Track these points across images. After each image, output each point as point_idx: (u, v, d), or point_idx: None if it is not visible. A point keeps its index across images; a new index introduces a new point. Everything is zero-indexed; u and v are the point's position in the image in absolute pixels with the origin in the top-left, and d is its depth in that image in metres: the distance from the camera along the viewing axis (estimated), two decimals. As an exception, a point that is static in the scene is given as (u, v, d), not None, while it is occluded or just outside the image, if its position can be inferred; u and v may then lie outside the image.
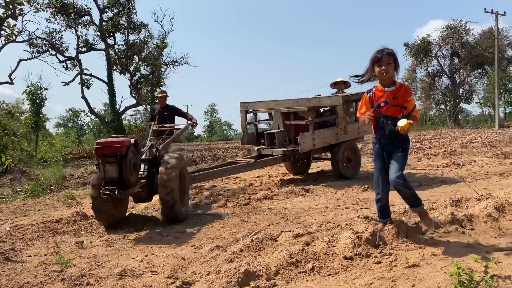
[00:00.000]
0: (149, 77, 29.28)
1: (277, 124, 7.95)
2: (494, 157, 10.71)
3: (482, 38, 44.18)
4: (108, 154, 4.59)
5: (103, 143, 4.67)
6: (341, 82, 8.46)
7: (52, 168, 15.38)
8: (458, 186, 6.75)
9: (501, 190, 5.81)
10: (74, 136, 51.55)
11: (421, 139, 20.53)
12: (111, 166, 4.58)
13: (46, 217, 5.91)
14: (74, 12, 23.44)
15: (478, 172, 8.07)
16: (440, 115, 56.18)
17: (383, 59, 3.29)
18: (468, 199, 4.41)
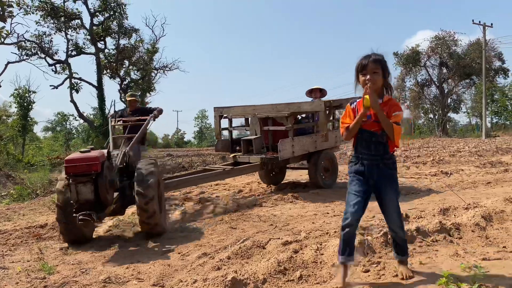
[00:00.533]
0: (139, 81, 29.15)
1: (254, 130, 7.60)
2: (481, 166, 10.80)
3: (470, 49, 44.85)
4: (81, 173, 4.01)
5: (74, 160, 4.03)
6: (317, 90, 8.28)
7: (38, 173, 15.17)
8: (446, 194, 6.78)
9: (488, 199, 5.85)
10: (62, 140, 50.87)
11: (410, 148, 20.67)
12: (85, 186, 4.01)
13: (31, 222, 5.81)
14: (64, 16, 23.28)
15: (466, 181, 8.13)
16: (428, 124, 56.69)
17: (368, 66, 2.77)
18: (456, 208, 4.43)
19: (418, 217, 4.19)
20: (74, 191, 4.00)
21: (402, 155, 15.06)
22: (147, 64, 27.17)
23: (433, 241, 3.45)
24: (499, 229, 3.78)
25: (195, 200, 7.01)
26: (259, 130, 7.50)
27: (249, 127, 7.75)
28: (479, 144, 23.35)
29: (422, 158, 14.31)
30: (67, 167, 4.00)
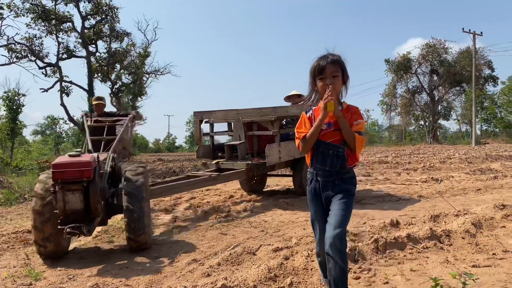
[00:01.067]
0: (130, 85, 29.02)
1: (238, 136, 7.29)
2: (471, 173, 10.88)
3: (460, 57, 45.43)
4: (71, 180, 3.60)
5: (63, 164, 3.62)
6: (295, 96, 8.12)
7: (27, 177, 14.99)
8: (437, 201, 6.81)
9: (478, 206, 5.88)
10: (52, 144, 50.63)
11: (401, 154, 20.79)
12: (73, 195, 3.60)
13: (18, 227, 5.72)
14: (55, 18, 23.13)
15: (456, 188, 8.17)
16: (419, 131, 57.16)
17: (327, 69, 2.44)
18: (446, 215, 4.44)
19: (408, 223, 4.19)
20: (61, 200, 3.58)
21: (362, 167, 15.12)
22: (139, 68, 27.06)
23: (423, 248, 3.45)
24: (488, 236, 3.79)
25: (186, 205, 6.96)
26: (243, 135, 7.21)
27: (233, 132, 7.45)
28: (469, 151, 23.56)
29: (412, 164, 14.38)
30: (54, 173, 3.58)
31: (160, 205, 7.27)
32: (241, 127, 7.16)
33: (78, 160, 3.71)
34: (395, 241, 3.42)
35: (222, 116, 7.47)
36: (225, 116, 7.45)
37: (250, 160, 6.95)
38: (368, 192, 7.99)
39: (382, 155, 19.58)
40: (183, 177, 7.05)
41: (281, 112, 6.87)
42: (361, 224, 4.98)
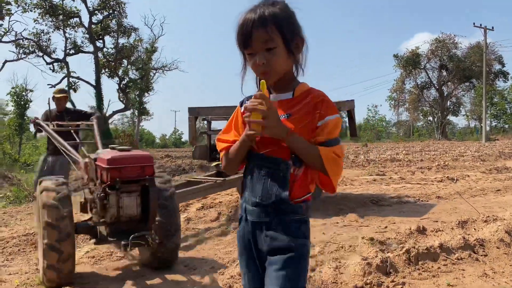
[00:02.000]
0: (137, 81, 28.89)
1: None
2: (487, 172, 10.64)
3: (470, 52, 44.90)
4: (131, 179, 3.05)
5: (121, 159, 3.03)
6: None
7: (35, 173, 14.97)
8: (456, 202, 6.60)
9: (503, 209, 5.69)
10: (59, 139, 50.61)
11: (411, 151, 20.51)
12: (130, 197, 3.06)
13: (28, 229, 5.59)
14: (62, 14, 23.01)
15: (474, 188, 7.94)
16: (427, 127, 56.71)
17: (253, 37, 1.41)
18: (474, 220, 4.24)
19: (436, 230, 4.00)
20: (115, 205, 3.02)
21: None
22: (146, 64, 26.92)
23: (458, 259, 3.25)
24: (524, 245, 3.59)
25: (198, 205, 6.80)
26: None
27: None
28: (480, 148, 23.25)
29: (425, 162, 14.15)
30: (111, 170, 2.96)
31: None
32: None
33: (139, 154, 3.16)
34: (427, 251, 3.22)
35: (223, 113, 6.71)
36: (226, 113, 6.63)
37: None
38: (384, 192, 7.78)
39: (393, 152, 19.33)
40: (183, 183, 6.32)
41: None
42: (382, 229, 4.79)
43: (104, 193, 3.02)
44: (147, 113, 47.28)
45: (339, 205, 6.55)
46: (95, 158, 3.24)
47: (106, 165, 2.98)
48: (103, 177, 3.04)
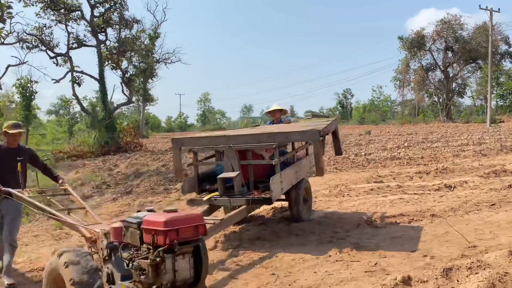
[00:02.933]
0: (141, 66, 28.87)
1: (230, 165, 6.19)
2: (485, 176, 10.77)
3: (476, 33, 44.32)
4: (187, 240, 2.96)
5: (178, 221, 2.93)
6: (277, 111, 7.79)
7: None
8: (449, 223, 6.75)
9: (494, 237, 5.85)
10: (66, 126, 51.16)
11: (413, 143, 20.58)
12: (184, 260, 2.96)
13: (34, 260, 5.84)
14: (64, 7, 22.98)
15: (470, 203, 8.06)
16: (433, 108, 56.46)
17: None
18: (459, 268, 4.39)
19: (421, 281, 4.17)
20: (171, 269, 2.89)
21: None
22: (149, 56, 26.91)
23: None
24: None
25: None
26: (237, 165, 6.18)
27: (224, 162, 6.33)
28: (483, 136, 23.26)
29: (425, 160, 14.29)
30: (169, 232, 2.86)
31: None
32: (233, 156, 6.18)
33: (191, 215, 3.13)
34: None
35: (209, 142, 6.50)
36: (213, 143, 6.50)
37: (249, 195, 6.09)
38: (379, 208, 7.96)
39: (394, 145, 19.42)
40: None
41: (281, 138, 6.16)
42: (372, 266, 4.98)
43: (161, 258, 2.86)
44: (152, 100, 47.66)
45: (335, 228, 6.74)
46: (139, 222, 3.08)
47: (163, 227, 2.85)
48: (158, 241, 2.89)
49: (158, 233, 2.89)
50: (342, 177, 11.63)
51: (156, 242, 2.90)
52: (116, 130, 23.90)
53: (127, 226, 3.18)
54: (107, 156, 20.72)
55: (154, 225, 2.93)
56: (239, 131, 6.96)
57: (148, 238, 2.96)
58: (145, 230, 3.01)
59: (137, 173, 13.99)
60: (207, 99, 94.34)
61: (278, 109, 7.84)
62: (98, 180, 13.02)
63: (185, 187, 6.39)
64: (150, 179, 12.48)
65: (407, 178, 10.96)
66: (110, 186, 11.84)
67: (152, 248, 2.91)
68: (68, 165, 18.54)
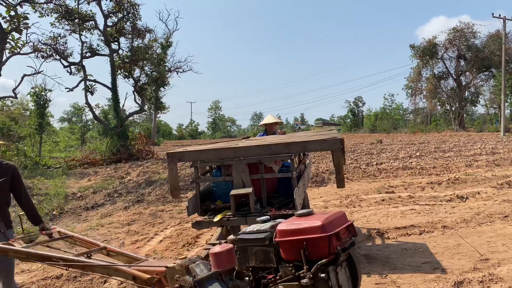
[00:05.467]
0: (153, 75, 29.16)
1: (241, 180, 5.52)
2: (498, 186, 10.64)
3: (489, 41, 43.91)
4: (345, 246, 2.58)
5: (334, 223, 2.53)
6: (273, 124, 7.47)
7: (55, 180, 15.46)
8: (461, 235, 6.69)
9: (506, 250, 5.78)
10: (78, 134, 51.74)
11: (425, 152, 20.39)
12: (342, 270, 2.54)
13: (47, 270, 5.91)
14: (78, 17, 23.38)
15: (482, 214, 7.98)
16: (445, 116, 55.93)
17: None
18: (470, 281, 4.36)
19: (431, 294, 4.15)
20: (336, 284, 2.43)
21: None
22: (160, 64, 27.18)
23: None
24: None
25: (199, 248, 7.02)
26: (248, 180, 5.52)
27: (233, 176, 5.57)
28: (497, 146, 22.96)
29: (437, 170, 14.14)
30: (332, 239, 2.41)
31: (183, 235, 7.39)
32: (244, 170, 5.54)
33: (338, 214, 2.71)
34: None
35: (214, 156, 5.67)
36: (219, 156, 5.68)
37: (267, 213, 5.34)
38: (392, 219, 7.90)
39: (406, 154, 19.28)
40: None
41: (299, 148, 5.57)
42: (383, 278, 4.95)
43: (326, 273, 2.34)
44: (163, 108, 48.00)
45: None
46: (269, 236, 2.51)
47: (322, 233, 2.35)
48: (315, 252, 2.35)
49: (316, 242, 2.33)
50: (353, 187, 11.57)
51: (311, 254, 2.33)
52: (128, 138, 24.11)
53: (245, 246, 2.55)
54: (119, 164, 20.90)
55: (304, 233, 2.34)
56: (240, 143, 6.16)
57: (291, 253, 2.38)
58: (284, 244, 2.42)
59: (148, 181, 14.08)
60: (217, 107, 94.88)
61: (275, 122, 7.44)
62: (109, 188, 13.14)
63: (190, 208, 5.64)
64: (162, 187, 12.54)
65: (418, 188, 10.86)
66: (122, 195, 11.93)
67: (305, 263, 2.33)
68: (80, 173, 18.76)
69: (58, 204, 10.66)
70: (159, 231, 7.95)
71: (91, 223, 8.77)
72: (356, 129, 69.41)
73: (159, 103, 43.50)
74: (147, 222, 8.69)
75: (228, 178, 5.71)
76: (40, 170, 19.49)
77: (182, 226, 8.18)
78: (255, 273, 2.50)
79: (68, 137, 51.19)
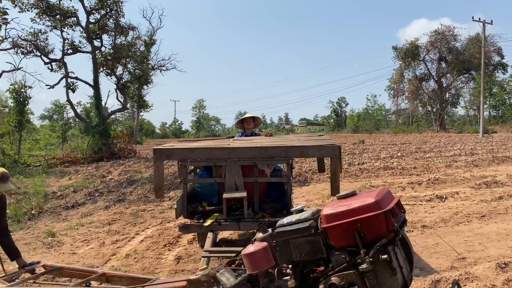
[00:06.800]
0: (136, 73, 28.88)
1: (234, 183, 5.21)
2: (476, 187, 10.86)
3: (469, 44, 44.79)
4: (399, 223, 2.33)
5: (386, 198, 2.29)
6: (250, 119, 7.00)
7: (34, 179, 15.18)
8: (439, 234, 6.81)
9: (483, 249, 5.92)
10: (59, 132, 50.88)
11: (406, 152, 20.68)
12: (399, 250, 2.30)
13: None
14: (60, 14, 23.00)
15: (460, 214, 8.13)
16: (426, 117, 56.82)
17: None
18: (447, 280, 4.44)
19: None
20: (398, 266, 2.20)
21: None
22: (144, 62, 26.94)
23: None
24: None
25: (190, 236, 6.99)
26: (241, 182, 5.21)
27: (226, 179, 5.25)
28: (476, 147, 23.41)
29: (418, 170, 14.35)
30: (388, 215, 2.16)
31: (164, 235, 7.32)
32: (238, 172, 5.22)
33: (385, 190, 2.43)
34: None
35: (206, 155, 5.27)
36: (211, 156, 5.30)
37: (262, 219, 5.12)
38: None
39: (387, 155, 19.52)
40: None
41: (297, 153, 5.32)
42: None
43: (388, 254, 2.10)
44: (146, 106, 47.56)
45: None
46: (313, 223, 2.26)
47: (378, 210, 2.10)
48: (371, 233, 2.12)
49: (372, 221, 2.08)
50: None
51: (367, 236, 2.10)
52: (109, 136, 23.83)
53: (286, 239, 2.27)
54: (100, 163, 20.64)
55: (357, 213, 2.09)
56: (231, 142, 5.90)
57: (343, 238, 2.16)
58: (333, 229, 2.17)
59: (130, 180, 13.95)
60: (202, 106, 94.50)
61: (252, 117, 6.97)
62: (90, 187, 12.97)
63: (179, 210, 5.29)
64: (143, 186, 12.43)
65: (399, 188, 11.01)
66: (103, 194, 11.78)
67: (361, 247, 2.09)
68: (61, 172, 18.47)
69: (37, 203, 10.46)
70: (140, 230, 7.88)
71: (71, 223, 8.64)
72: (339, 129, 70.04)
73: (142, 101, 43.09)
74: (128, 221, 8.61)
75: (219, 180, 5.40)
76: (19, 168, 19.10)
77: (164, 225, 8.12)
78: (300, 268, 2.26)
79: (48, 135, 50.27)
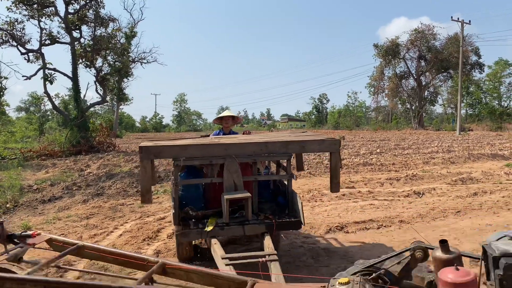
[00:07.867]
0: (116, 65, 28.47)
1: (233, 182, 4.88)
2: (452, 183, 11.09)
3: (448, 43, 45.62)
4: None
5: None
6: (229, 118, 6.58)
7: (9, 171, 14.83)
8: (417, 228, 6.94)
9: (458, 244, 6.02)
10: (36, 124, 49.79)
11: (385, 149, 20.97)
12: None
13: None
14: (37, 3, 22.45)
15: (437, 209, 8.29)
16: (405, 115, 57.70)
17: None
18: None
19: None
20: None
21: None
22: (124, 55, 26.56)
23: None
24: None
25: (169, 230, 6.94)
26: (241, 181, 4.91)
27: (224, 178, 4.87)
28: (452, 144, 23.90)
29: (396, 166, 14.58)
30: None
31: (144, 229, 7.26)
32: (236, 170, 4.89)
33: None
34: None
35: (201, 152, 4.82)
36: (206, 153, 4.85)
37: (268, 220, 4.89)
38: (351, 214, 8.08)
39: (367, 151, 19.74)
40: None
41: (297, 148, 5.15)
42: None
43: None
44: (126, 99, 46.95)
45: (306, 232, 6.83)
46: None
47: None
48: None
49: None
50: (315, 182, 11.74)
51: None
52: (88, 129, 23.46)
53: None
54: (79, 156, 20.31)
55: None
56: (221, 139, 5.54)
57: None
58: None
59: (109, 174, 13.76)
60: (183, 100, 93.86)
61: (231, 116, 6.60)
62: (68, 180, 12.75)
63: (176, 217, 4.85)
64: (123, 180, 12.29)
65: (378, 184, 11.17)
66: (81, 187, 11.60)
67: None
68: (37, 165, 18.10)
69: (12, 196, 10.23)
70: (119, 225, 7.78)
71: (48, 217, 8.48)
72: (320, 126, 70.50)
73: (122, 94, 42.44)
74: (107, 215, 8.49)
75: (217, 180, 4.96)
76: (-6, 161, 18.67)
77: (143, 220, 8.05)
78: None
79: (25, 128, 49.12)
